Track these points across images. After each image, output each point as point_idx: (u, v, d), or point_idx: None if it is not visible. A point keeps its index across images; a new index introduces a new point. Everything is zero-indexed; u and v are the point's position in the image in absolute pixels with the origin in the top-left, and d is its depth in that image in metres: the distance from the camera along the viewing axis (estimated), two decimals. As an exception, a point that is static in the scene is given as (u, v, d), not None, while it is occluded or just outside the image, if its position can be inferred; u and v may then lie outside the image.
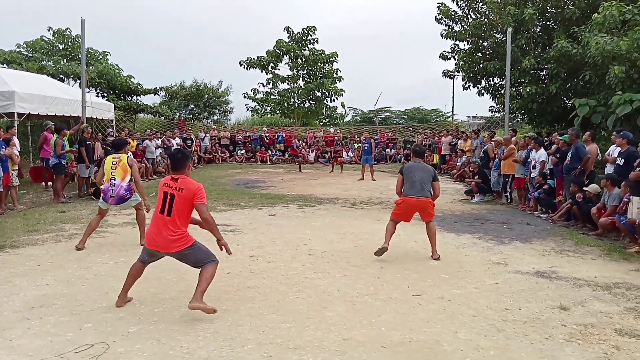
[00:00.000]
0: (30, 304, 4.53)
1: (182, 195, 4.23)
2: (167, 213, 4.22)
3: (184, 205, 4.25)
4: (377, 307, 4.57)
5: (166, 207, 4.24)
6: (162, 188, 4.33)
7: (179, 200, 4.23)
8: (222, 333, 3.93)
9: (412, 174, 6.40)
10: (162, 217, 4.24)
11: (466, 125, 33.24)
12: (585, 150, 8.98)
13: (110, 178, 6.63)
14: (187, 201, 4.25)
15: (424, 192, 6.33)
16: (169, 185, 4.30)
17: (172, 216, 4.21)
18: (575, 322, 4.26)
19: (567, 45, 13.41)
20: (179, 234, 4.23)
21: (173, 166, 4.46)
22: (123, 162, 6.70)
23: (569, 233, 8.07)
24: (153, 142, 16.60)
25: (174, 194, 4.24)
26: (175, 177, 4.32)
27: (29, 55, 22.97)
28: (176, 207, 4.22)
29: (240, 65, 28.70)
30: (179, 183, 4.27)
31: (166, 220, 4.21)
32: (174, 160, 4.48)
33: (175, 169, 4.41)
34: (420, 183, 6.33)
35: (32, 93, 12.58)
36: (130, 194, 6.73)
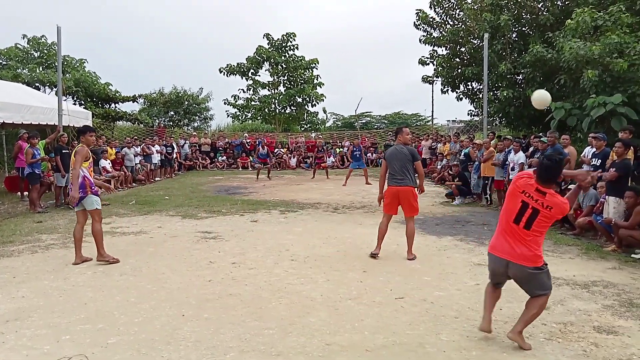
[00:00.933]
0: (5, 317, 4.40)
1: (548, 215, 3.68)
2: (524, 225, 3.73)
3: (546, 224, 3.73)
4: (360, 311, 4.57)
5: (524, 219, 3.72)
6: (520, 196, 3.76)
7: (543, 219, 3.69)
8: (203, 342, 3.87)
9: (392, 161, 6.40)
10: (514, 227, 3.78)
11: (446, 129, 33.61)
12: (564, 152, 9.14)
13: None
14: (550, 220, 3.73)
15: (404, 180, 6.32)
16: (532, 196, 3.71)
17: (530, 230, 3.71)
18: (555, 321, 4.32)
19: (542, 51, 13.70)
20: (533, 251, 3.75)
21: (542, 177, 3.71)
22: (72, 155, 6.19)
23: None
24: (132, 149, 16.37)
25: (538, 210, 3.67)
26: (542, 190, 3.69)
27: (4, 63, 22.54)
28: (538, 223, 3.70)
29: (220, 72, 28.60)
30: (546, 199, 3.66)
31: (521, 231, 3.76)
32: (544, 170, 3.70)
33: (544, 182, 3.71)
34: (400, 170, 6.33)
35: (6, 102, 12.30)
36: (83, 193, 6.09)
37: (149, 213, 10.27)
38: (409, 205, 6.44)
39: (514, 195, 3.81)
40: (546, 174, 3.69)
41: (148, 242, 7.51)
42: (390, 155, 6.52)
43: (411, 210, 6.48)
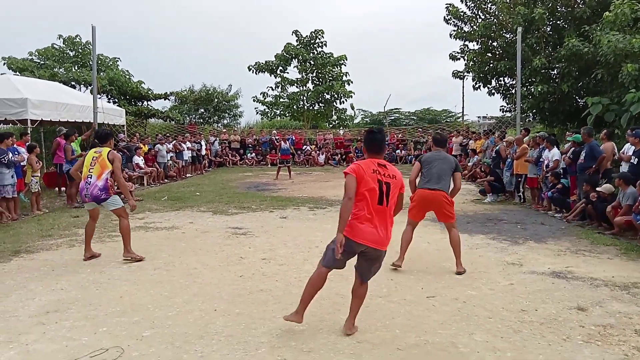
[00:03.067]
0: (45, 308, 4.56)
1: (395, 184, 3.79)
2: (385, 203, 3.73)
3: (395, 194, 3.80)
4: (391, 309, 4.53)
5: (384, 197, 3.71)
6: (374, 175, 3.72)
7: (393, 189, 3.77)
8: (235, 336, 3.91)
9: (430, 164, 5.83)
10: (381, 209, 3.72)
11: (477, 126, 33.04)
12: (599, 150, 8.87)
13: (87, 175, 6.09)
14: (397, 190, 3.82)
15: (439, 184, 5.74)
16: (380, 172, 3.76)
17: (388, 207, 3.76)
18: (594, 323, 4.18)
19: (578, 44, 13.31)
20: (390, 231, 3.84)
21: (374, 149, 3.87)
22: (103, 157, 6.12)
23: (584, 232, 7.97)
24: (164, 146, 16.69)
25: (389, 183, 3.75)
26: (382, 163, 3.82)
27: (41, 63, 23.21)
28: (392, 197, 3.76)
29: (249, 69, 28.80)
30: (389, 170, 3.81)
31: (385, 211, 3.74)
32: (375, 141, 3.87)
33: (378, 153, 3.87)
34: (437, 175, 5.76)
35: (44, 100, 12.71)
36: (106, 195, 6.09)
37: (180, 209, 10.45)
38: (443, 211, 5.89)
39: (367, 181, 3.70)
40: (376, 145, 3.86)
41: (180, 238, 7.64)
42: (428, 157, 6.02)
43: (446, 216, 5.91)
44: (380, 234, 3.74)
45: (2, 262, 6.19)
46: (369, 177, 3.70)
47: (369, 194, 3.69)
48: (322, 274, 3.96)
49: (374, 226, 3.72)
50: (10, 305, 4.63)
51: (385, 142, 4.01)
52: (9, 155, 9.12)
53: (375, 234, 3.72)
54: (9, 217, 9.04)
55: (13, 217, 9.17)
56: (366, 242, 3.73)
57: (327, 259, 3.92)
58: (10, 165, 9.14)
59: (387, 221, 3.78)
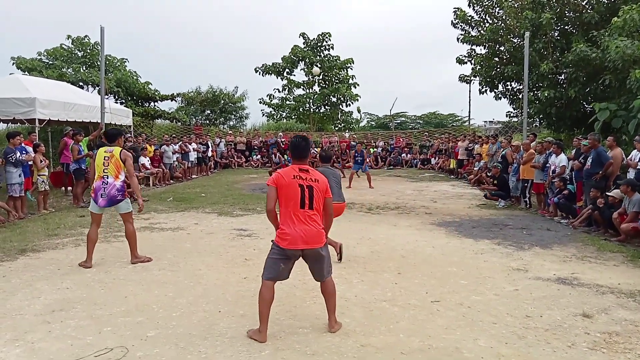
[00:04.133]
0: (51, 307, 4.59)
1: (319, 188, 3.96)
2: (308, 206, 3.88)
3: (320, 198, 3.96)
4: (395, 313, 4.53)
5: (306, 200, 3.87)
6: (294, 181, 3.89)
7: (317, 193, 3.93)
8: (239, 338, 3.92)
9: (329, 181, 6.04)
10: (304, 212, 3.87)
11: (483, 130, 32.95)
12: (607, 155, 8.83)
13: (102, 175, 6.01)
14: (322, 193, 3.98)
15: (342, 197, 6.26)
16: (302, 177, 3.92)
17: (314, 209, 3.91)
18: (599, 330, 4.16)
19: (586, 50, 13.27)
20: (322, 229, 3.96)
21: (298, 155, 4.07)
22: (116, 157, 6.06)
23: (590, 239, 7.92)
24: (170, 147, 16.75)
25: (311, 186, 3.91)
26: (303, 168, 3.99)
27: (49, 63, 23.36)
28: (316, 200, 3.92)
29: (255, 71, 28.89)
30: (310, 174, 3.98)
31: (310, 213, 3.89)
32: (298, 148, 4.06)
33: (300, 159, 4.06)
34: (338, 188, 6.13)
35: (52, 100, 12.81)
36: (122, 196, 6.09)
37: (186, 210, 10.49)
38: None
39: (288, 188, 3.87)
40: (299, 151, 4.03)
41: (185, 239, 7.67)
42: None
43: None
44: (308, 235, 3.87)
45: (8, 261, 6.23)
46: (289, 183, 3.88)
47: (291, 200, 3.87)
48: (267, 286, 3.98)
49: (299, 229, 3.86)
50: (17, 304, 4.67)
51: (308, 149, 4.13)
52: (16, 154, 9.19)
53: (302, 236, 3.86)
54: (15, 216, 9.11)
55: (20, 215, 9.23)
56: (296, 246, 3.86)
57: (267, 271, 4.01)
58: (18, 164, 9.21)
59: (313, 222, 3.91)
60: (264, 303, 3.94)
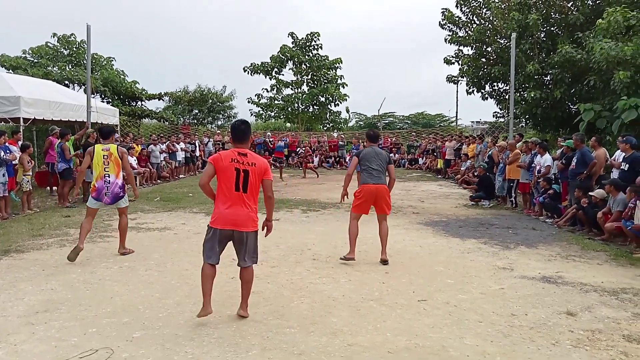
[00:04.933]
0: (34, 308, 4.53)
1: (256, 171, 4.05)
2: (242, 189, 4.02)
3: (257, 182, 4.07)
4: (382, 313, 4.54)
5: (241, 184, 4.01)
6: (231, 165, 4.03)
7: (253, 176, 4.04)
8: (226, 338, 3.91)
9: (369, 161, 6.32)
10: (237, 195, 4.02)
11: (470, 130, 33.18)
12: (591, 156, 8.95)
13: (104, 175, 6.23)
14: (259, 177, 4.08)
15: (381, 179, 6.30)
16: (239, 160, 4.04)
17: (248, 192, 4.03)
18: (583, 328, 4.22)
19: (571, 51, 13.42)
20: (254, 213, 4.06)
21: (238, 139, 4.17)
22: (114, 155, 6.30)
23: (575, 238, 8.02)
24: (157, 147, 16.63)
25: (247, 170, 4.03)
26: (242, 152, 4.09)
27: (35, 61, 23.08)
28: (251, 183, 4.04)
29: (244, 71, 28.80)
30: (249, 158, 4.06)
31: (243, 196, 4.03)
32: (238, 132, 4.16)
33: (240, 141, 4.15)
34: (377, 170, 6.30)
35: (37, 98, 12.65)
36: (123, 192, 6.45)
37: (173, 210, 10.42)
38: (384, 202, 6.36)
39: (224, 170, 4.05)
40: (239, 135, 4.15)
41: (172, 239, 7.62)
42: (365, 154, 6.45)
43: (385, 208, 6.40)
44: (237, 217, 4.03)
45: (-9, 262, 6.14)
46: (227, 165, 4.03)
47: (226, 181, 4.04)
48: (206, 266, 4.23)
49: (231, 211, 4.03)
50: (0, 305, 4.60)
51: (248, 133, 4.23)
52: (0, 154, 9.05)
53: (231, 218, 4.03)
54: (-1, 216, 8.97)
55: (3, 215, 9.10)
56: (224, 227, 4.05)
57: (205, 252, 4.22)
58: (2, 163, 9.07)
59: (245, 205, 4.05)
60: (205, 278, 4.20)
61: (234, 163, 4.04)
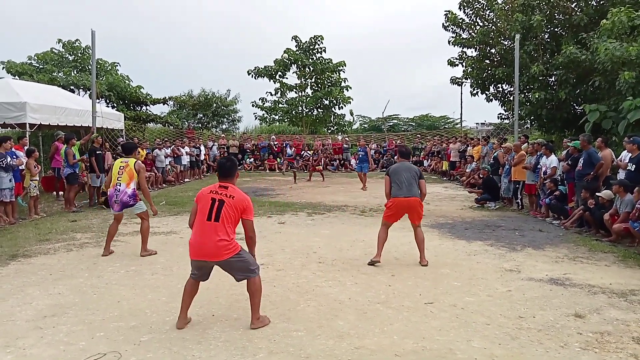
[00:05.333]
0: (42, 312, 4.55)
1: (232, 204, 4.08)
2: (214, 219, 4.04)
3: (233, 214, 4.09)
4: (388, 316, 4.53)
5: (213, 213, 4.05)
6: (209, 195, 4.13)
7: (229, 208, 4.07)
8: (233, 342, 3.91)
9: (399, 175, 6.45)
10: (209, 224, 4.03)
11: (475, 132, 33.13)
12: (597, 156, 8.90)
13: (116, 183, 6.55)
14: (236, 210, 4.10)
15: (411, 192, 6.38)
16: (217, 192, 4.14)
17: (220, 222, 4.03)
18: (591, 330, 4.19)
19: (575, 52, 13.38)
20: (227, 241, 4.05)
21: (222, 174, 4.27)
22: (130, 167, 6.60)
23: (582, 239, 7.98)
24: (163, 151, 16.69)
25: (223, 200, 4.08)
26: (224, 184, 4.18)
27: (40, 67, 23.24)
28: (225, 213, 4.05)
29: (248, 74, 28.88)
30: (229, 190, 4.14)
31: (214, 226, 4.02)
32: (223, 168, 4.28)
33: (224, 177, 4.24)
34: (408, 183, 6.40)
35: (43, 104, 12.71)
36: (134, 201, 6.62)
37: (178, 213, 10.45)
38: (416, 213, 6.47)
39: (202, 201, 4.17)
40: (223, 170, 4.25)
41: (178, 242, 7.63)
42: (395, 169, 6.59)
43: (418, 218, 6.50)
44: (204, 247, 4.05)
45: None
46: (205, 196, 4.16)
47: (201, 210, 4.12)
48: (189, 281, 4.32)
49: (199, 241, 4.08)
50: (8, 310, 4.62)
51: (233, 170, 4.31)
52: (7, 159, 9.11)
53: (200, 248, 4.08)
54: (6, 221, 9.02)
55: (11, 221, 9.15)
56: (195, 257, 4.14)
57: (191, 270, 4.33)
58: (9, 169, 9.13)
59: (214, 234, 4.02)
60: (185, 293, 4.27)
61: (211, 194, 4.14)
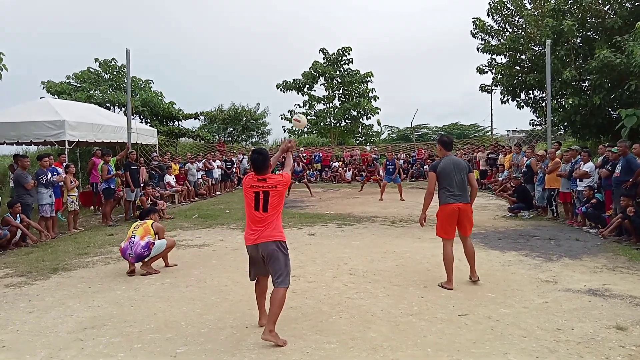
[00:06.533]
0: (83, 325, 4.70)
1: (275, 191, 4.24)
2: (262, 209, 4.22)
3: (279, 201, 4.28)
4: (422, 328, 4.49)
5: (260, 204, 4.22)
6: (250, 189, 4.28)
7: (273, 196, 4.23)
8: (267, 354, 3.94)
9: (449, 175, 5.68)
10: (258, 214, 4.24)
11: (506, 140, 32.53)
12: (637, 163, 8.63)
13: (131, 236, 6.58)
14: (281, 196, 4.30)
15: (465, 196, 5.70)
16: (258, 185, 4.25)
17: (268, 211, 4.22)
18: (635, 343, 4.04)
19: (609, 55, 13.06)
20: (278, 227, 4.30)
21: (257, 168, 4.30)
22: (147, 225, 6.72)
23: (621, 249, 7.72)
24: (195, 164, 17.02)
25: (267, 191, 4.22)
26: (261, 178, 4.28)
27: (78, 86, 24.09)
28: (272, 203, 4.22)
29: (277, 88, 29.22)
30: (269, 182, 4.25)
31: (264, 215, 4.22)
32: (256, 162, 4.31)
33: (259, 171, 4.30)
34: (461, 186, 5.68)
35: (81, 121, 13.18)
36: (148, 251, 6.55)
37: (211, 226, 10.62)
38: (467, 222, 5.83)
39: (246, 193, 4.33)
40: (256, 165, 4.30)
41: (211, 255, 7.76)
42: (444, 166, 5.78)
43: (468, 228, 5.88)
44: (258, 234, 4.24)
45: (41, 280, 6.41)
46: (247, 190, 4.32)
47: (248, 204, 4.32)
48: (255, 285, 4.59)
49: (252, 230, 4.27)
50: (50, 322, 4.80)
51: (265, 162, 4.32)
52: (47, 175, 9.48)
53: (253, 235, 4.26)
54: (47, 236, 9.36)
55: (51, 235, 9.49)
56: (249, 243, 4.30)
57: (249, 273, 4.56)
58: (49, 185, 9.49)
59: (266, 224, 4.24)
60: (256, 296, 4.58)
61: (252, 188, 4.29)
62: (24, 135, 12.51)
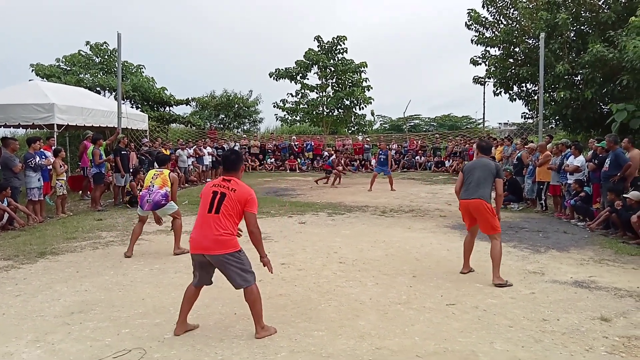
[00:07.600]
0: (70, 309, 4.67)
1: (234, 197, 3.93)
2: (214, 211, 3.90)
3: (234, 207, 3.93)
4: (410, 316, 4.52)
5: (214, 205, 3.92)
6: (211, 189, 4.02)
7: (230, 201, 3.92)
8: (255, 340, 3.95)
9: (471, 173, 5.83)
10: (208, 216, 3.91)
11: (497, 132, 32.69)
12: (625, 157, 8.71)
13: (149, 186, 6.70)
14: (238, 204, 3.93)
15: (476, 193, 5.69)
16: (220, 185, 4.01)
17: (219, 214, 3.89)
18: (618, 334, 4.10)
19: (602, 50, 13.11)
20: (226, 235, 3.88)
21: (225, 167, 4.16)
22: (165, 175, 6.79)
23: (608, 242, 7.81)
24: (185, 151, 16.92)
25: (225, 193, 3.94)
26: (227, 178, 4.05)
27: (68, 69, 23.75)
28: (225, 206, 3.90)
29: (270, 76, 29.02)
30: (231, 184, 4.00)
31: (213, 218, 3.89)
32: (227, 161, 4.18)
33: (227, 170, 4.13)
34: (476, 183, 5.73)
35: (70, 105, 13.02)
36: (166, 201, 6.71)
37: (201, 213, 10.55)
38: (484, 220, 5.79)
39: (204, 194, 4.08)
40: (227, 164, 4.17)
41: (200, 242, 7.72)
42: (469, 166, 5.99)
43: (488, 227, 5.79)
44: (204, 240, 3.91)
45: (28, 264, 6.36)
46: (207, 190, 4.07)
47: (203, 204, 4.03)
48: (189, 287, 4.22)
49: (200, 234, 3.94)
50: (37, 306, 4.77)
51: (237, 162, 4.18)
52: (35, 159, 9.37)
53: (200, 241, 3.94)
54: (35, 219, 9.27)
55: (39, 219, 9.40)
56: (195, 251, 4.01)
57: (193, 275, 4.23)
58: (37, 168, 9.38)
59: (216, 227, 3.89)
60: (184, 299, 4.16)
61: (214, 187, 4.03)
62: (11, 118, 12.34)
